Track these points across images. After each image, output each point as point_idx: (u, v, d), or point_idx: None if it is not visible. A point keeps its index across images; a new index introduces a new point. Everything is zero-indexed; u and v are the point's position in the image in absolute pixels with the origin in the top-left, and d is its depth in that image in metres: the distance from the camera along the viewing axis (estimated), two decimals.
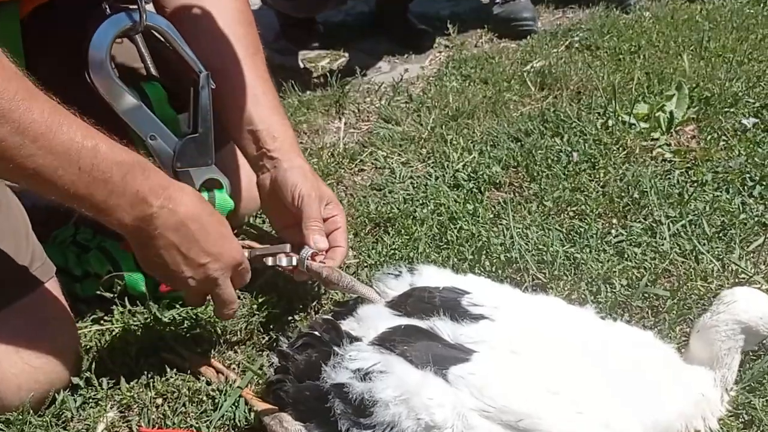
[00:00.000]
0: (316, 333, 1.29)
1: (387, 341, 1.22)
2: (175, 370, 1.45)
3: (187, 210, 1.28)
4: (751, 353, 1.39)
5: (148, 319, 1.56)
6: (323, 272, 1.44)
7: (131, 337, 1.53)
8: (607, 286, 1.59)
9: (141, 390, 1.42)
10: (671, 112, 2.23)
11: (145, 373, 1.44)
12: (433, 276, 1.39)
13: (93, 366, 1.42)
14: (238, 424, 1.36)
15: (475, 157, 2.12)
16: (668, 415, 1.23)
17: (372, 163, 2.19)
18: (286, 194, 1.53)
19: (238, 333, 1.56)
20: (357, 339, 1.26)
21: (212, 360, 1.50)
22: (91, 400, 1.40)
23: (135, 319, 1.56)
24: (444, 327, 1.24)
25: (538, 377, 1.18)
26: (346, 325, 1.32)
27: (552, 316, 1.29)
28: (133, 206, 1.22)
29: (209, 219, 1.32)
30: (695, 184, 1.96)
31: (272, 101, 1.61)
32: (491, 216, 1.87)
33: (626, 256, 1.69)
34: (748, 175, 1.98)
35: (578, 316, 1.31)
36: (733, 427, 1.31)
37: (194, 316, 1.57)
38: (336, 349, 1.23)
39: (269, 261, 1.49)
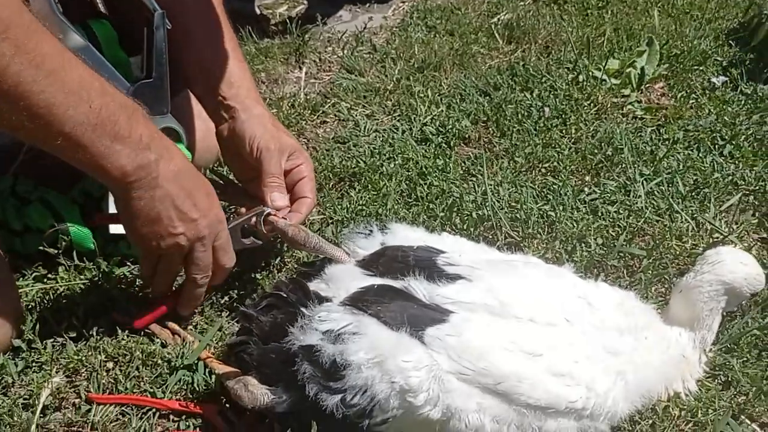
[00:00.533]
0: (282, 293, 1.20)
1: (359, 301, 1.14)
2: (126, 331, 1.35)
3: (180, 162, 1.21)
4: (728, 314, 1.36)
5: (97, 277, 1.45)
6: (288, 231, 1.35)
7: (78, 296, 1.42)
8: (582, 245, 1.54)
9: (89, 353, 1.32)
10: (642, 69, 2.18)
11: (94, 334, 1.34)
12: (405, 235, 1.31)
13: (36, 327, 1.31)
14: (197, 389, 1.28)
15: (443, 110, 2.04)
16: (650, 377, 1.20)
17: (335, 115, 2.09)
18: (245, 146, 1.43)
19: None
20: (326, 300, 1.18)
21: (167, 321, 1.40)
22: (34, 364, 1.30)
23: (82, 276, 1.45)
24: (419, 287, 1.17)
25: (518, 339, 1.12)
26: (315, 285, 1.23)
27: (531, 276, 1.23)
28: (136, 152, 1.13)
29: (197, 174, 1.26)
30: (667, 142, 1.92)
31: (230, 43, 1.50)
32: (461, 172, 1.80)
33: (601, 214, 1.65)
34: (718, 134, 1.95)
35: (558, 276, 1.25)
36: (711, 389, 1.29)
37: None
38: (304, 310, 1.15)
39: (247, 242, 1.42)
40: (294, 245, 1.39)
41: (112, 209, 1.44)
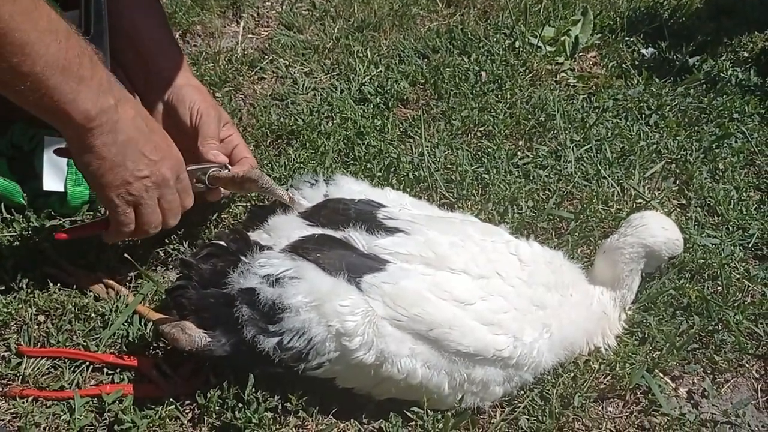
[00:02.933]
0: (222, 243, 1.21)
1: (299, 248, 1.17)
2: (58, 285, 1.33)
3: (135, 106, 1.20)
4: (647, 276, 1.44)
5: (27, 230, 1.41)
6: (240, 172, 1.35)
7: (7, 249, 1.39)
8: (514, 207, 1.60)
9: (20, 306, 1.30)
10: (576, 37, 2.23)
11: (24, 288, 1.32)
12: (349, 187, 1.34)
13: None
14: (132, 343, 1.27)
15: (381, 71, 2.04)
16: (573, 331, 1.27)
17: (273, 72, 2.07)
18: (183, 112, 1.42)
19: (131, 246, 1.44)
20: (267, 248, 1.19)
21: (100, 274, 1.38)
22: None
23: (11, 229, 1.41)
24: (359, 237, 1.20)
25: (451, 289, 1.17)
26: (256, 235, 1.25)
27: (467, 232, 1.27)
28: (98, 95, 1.11)
29: (151, 118, 1.24)
30: (597, 110, 1.98)
31: (162, 17, 1.51)
32: (399, 133, 1.82)
33: (532, 178, 1.70)
34: (645, 104, 2.03)
35: (492, 233, 1.30)
36: (629, 344, 1.36)
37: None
38: (244, 258, 1.16)
39: (200, 186, 1.38)
40: (244, 185, 1.38)
41: (48, 177, 1.41)
